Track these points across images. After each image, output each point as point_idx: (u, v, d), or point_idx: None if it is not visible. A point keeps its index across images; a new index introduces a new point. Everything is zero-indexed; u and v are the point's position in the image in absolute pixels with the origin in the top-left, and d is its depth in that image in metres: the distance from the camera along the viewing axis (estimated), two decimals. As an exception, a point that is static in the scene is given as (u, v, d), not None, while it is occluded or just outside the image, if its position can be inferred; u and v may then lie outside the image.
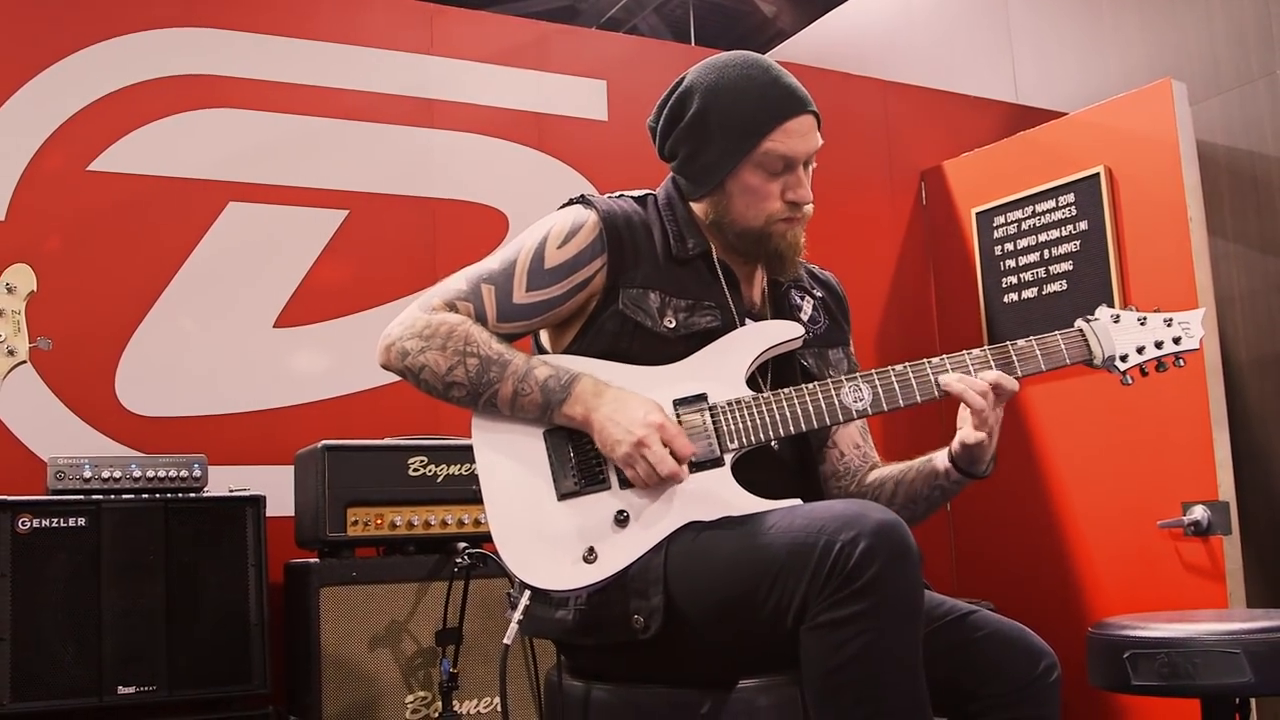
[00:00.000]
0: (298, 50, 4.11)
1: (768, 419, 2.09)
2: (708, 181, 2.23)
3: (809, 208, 2.24)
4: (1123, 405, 4.20)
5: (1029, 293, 4.66)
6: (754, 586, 1.87)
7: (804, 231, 2.28)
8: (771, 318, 2.29)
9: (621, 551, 2.01)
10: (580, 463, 2.08)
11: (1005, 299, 4.75)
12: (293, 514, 3.54)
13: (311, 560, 3.36)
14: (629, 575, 2.00)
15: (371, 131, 4.19)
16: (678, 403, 2.11)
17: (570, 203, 2.27)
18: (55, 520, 3.06)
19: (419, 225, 4.21)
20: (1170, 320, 2.23)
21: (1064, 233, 4.53)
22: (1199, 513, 3.95)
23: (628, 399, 2.06)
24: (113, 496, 3.15)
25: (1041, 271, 4.61)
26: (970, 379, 2.13)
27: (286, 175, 4.03)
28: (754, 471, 2.09)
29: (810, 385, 2.12)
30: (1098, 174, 4.40)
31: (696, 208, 2.28)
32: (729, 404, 2.10)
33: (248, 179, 3.97)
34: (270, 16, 4.10)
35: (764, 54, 2.32)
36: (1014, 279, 4.72)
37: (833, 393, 2.11)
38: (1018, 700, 2.03)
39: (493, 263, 2.23)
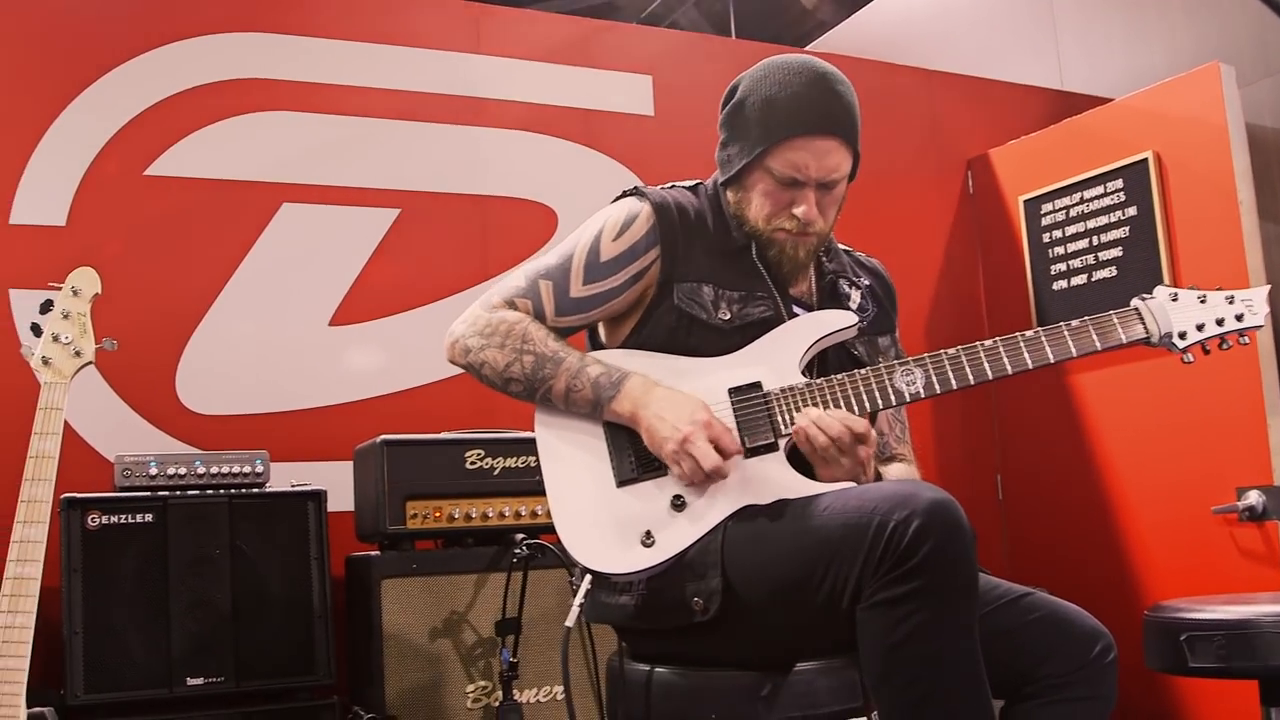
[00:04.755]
0: (347, 52, 4.17)
1: (821, 405, 2.11)
2: (726, 171, 2.27)
3: (818, 227, 2.22)
4: (1176, 391, 4.18)
5: (1078, 279, 4.64)
6: (810, 568, 1.89)
7: (813, 250, 2.27)
8: (821, 307, 2.31)
9: (679, 535, 2.04)
10: (638, 450, 2.12)
11: (1054, 286, 4.74)
12: (353, 508, 3.60)
13: (372, 553, 3.41)
14: (687, 559, 2.04)
15: (421, 131, 4.24)
16: (732, 391, 2.14)
17: (624, 195, 2.31)
18: (123, 517, 3.14)
19: (469, 222, 4.25)
20: (1232, 298, 2.17)
21: (1113, 219, 4.51)
22: (1253, 498, 3.93)
23: (676, 398, 2.10)
24: (178, 493, 3.22)
25: (1091, 258, 4.60)
26: (819, 422, 2.05)
27: (338, 176, 4.09)
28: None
29: (863, 370, 2.14)
30: (1146, 159, 4.39)
31: (728, 195, 2.29)
32: (783, 391, 2.13)
33: (301, 180, 4.03)
34: (320, 20, 4.16)
35: (803, 46, 2.31)
36: (1063, 266, 4.71)
37: (885, 377, 2.13)
38: (1074, 681, 2.03)
39: (550, 259, 2.28)
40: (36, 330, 2.68)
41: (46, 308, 2.71)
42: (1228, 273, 4.01)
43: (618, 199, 2.31)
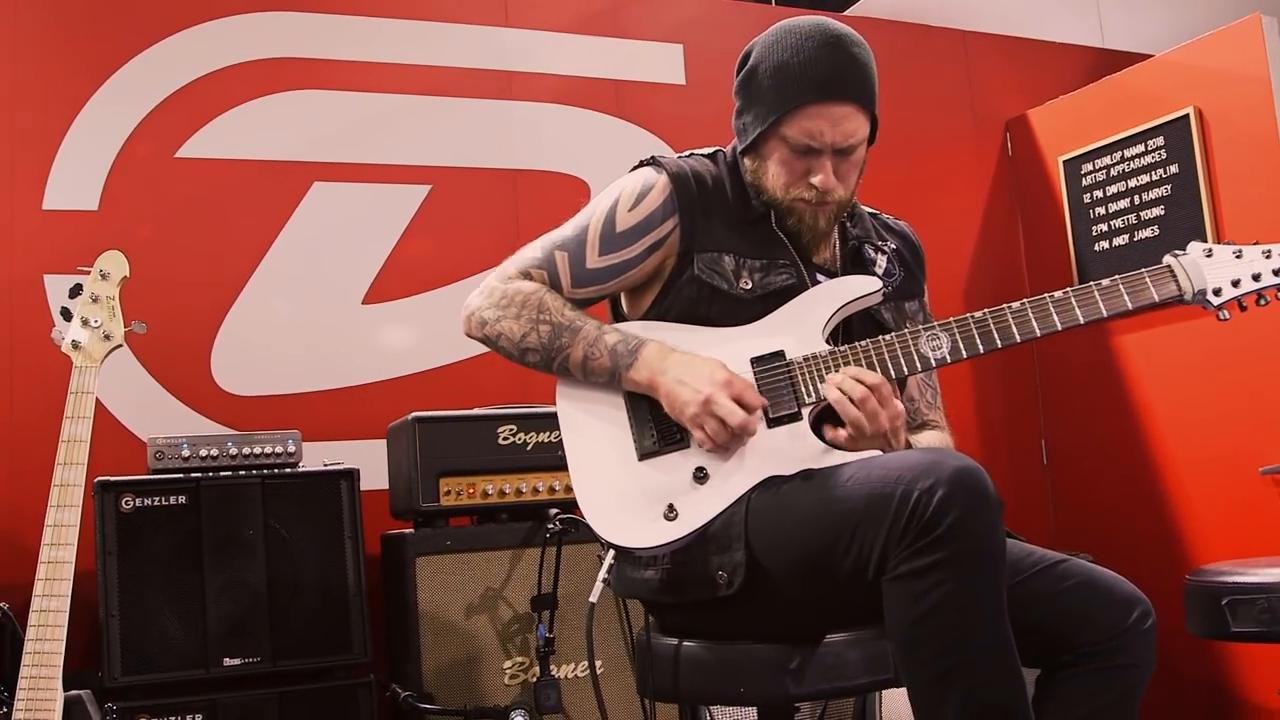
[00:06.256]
0: (376, 29, 4.16)
1: (845, 372, 2.07)
2: (742, 140, 2.23)
3: (838, 195, 2.17)
4: (1222, 350, 4.11)
5: (1120, 240, 4.57)
6: (834, 539, 1.86)
7: (834, 218, 2.22)
8: (845, 273, 2.27)
9: (702, 508, 2.01)
10: (659, 422, 2.09)
11: (1096, 247, 4.66)
12: (386, 486, 3.60)
13: (406, 531, 3.42)
14: (710, 532, 2.01)
15: (451, 106, 4.23)
16: (754, 360, 2.10)
17: (640, 165, 2.27)
18: (157, 499, 3.15)
19: (501, 197, 4.24)
20: (1269, 252, 2.08)
21: (1154, 177, 4.43)
22: (1303, 458, 3.87)
23: (693, 362, 2.06)
24: (211, 474, 3.22)
25: (1132, 218, 4.52)
26: (851, 374, 2.01)
27: (369, 153, 4.08)
28: (832, 425, 2.08)
29: (888, 336, 2.09)
30: (1187, 115, 4.31)
31: (745, 163, 2.25)
32: (806, 359, 2.09)
33: (331, 159, 4.03)
34: (347, -3, 4.15)
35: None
36: (1104, 226, 4.63)
37: (910, 343, 2.08)
38: (1112, 649, 1.98)
39: (567, 229, 2.25)
40: (66, 315, 2.70)
41: (75, 292, 2.73)
42: (1273, 228, 3.92)
43: (634, 169, 2.27)
